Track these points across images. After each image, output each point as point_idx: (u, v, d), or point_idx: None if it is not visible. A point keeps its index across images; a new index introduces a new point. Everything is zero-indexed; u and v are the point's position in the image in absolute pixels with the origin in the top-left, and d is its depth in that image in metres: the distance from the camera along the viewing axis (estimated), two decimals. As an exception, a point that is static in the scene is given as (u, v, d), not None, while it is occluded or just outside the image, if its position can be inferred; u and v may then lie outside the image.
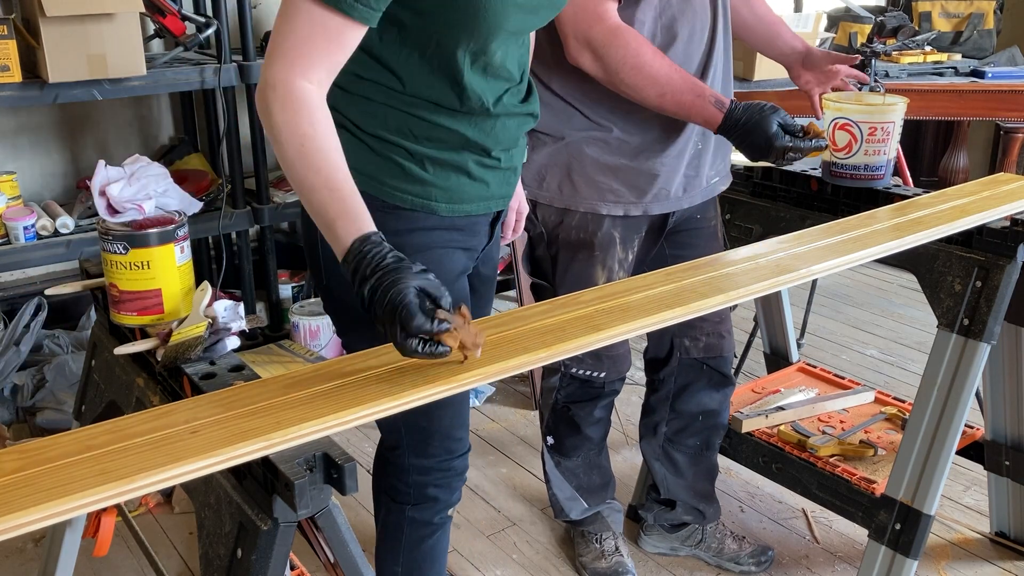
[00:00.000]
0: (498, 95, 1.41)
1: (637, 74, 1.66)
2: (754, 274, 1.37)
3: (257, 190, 3.11)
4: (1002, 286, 1.74)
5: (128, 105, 3.25)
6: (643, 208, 1.85)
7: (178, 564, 2.26)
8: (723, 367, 2.10)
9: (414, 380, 1.05)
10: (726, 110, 1.68)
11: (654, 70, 1.65)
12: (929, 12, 3.71)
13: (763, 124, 1.67)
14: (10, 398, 2.76)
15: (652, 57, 1.66)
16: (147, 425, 0.97)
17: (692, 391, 2.11)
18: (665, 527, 2.26)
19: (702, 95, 1.68)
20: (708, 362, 2.09)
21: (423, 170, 1.40)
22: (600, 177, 1.82)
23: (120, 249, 1.27)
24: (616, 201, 1.83)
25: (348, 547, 1.10)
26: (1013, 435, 2.12)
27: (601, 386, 2.03)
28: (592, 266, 1.89)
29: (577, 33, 1.66)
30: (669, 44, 1.75)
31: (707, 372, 2.10)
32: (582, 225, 1.87)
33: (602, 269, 1.89)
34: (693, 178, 1.88)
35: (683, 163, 1.85)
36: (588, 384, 2.02)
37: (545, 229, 1.91)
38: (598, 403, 2.06)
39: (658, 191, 1.84)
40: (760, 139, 1.67)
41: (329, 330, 3.06)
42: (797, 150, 1.69)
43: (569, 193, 1.84)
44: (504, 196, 1.52)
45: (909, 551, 1.84)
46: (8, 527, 0.81)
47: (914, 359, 3.30)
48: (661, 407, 2.14)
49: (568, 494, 2.15)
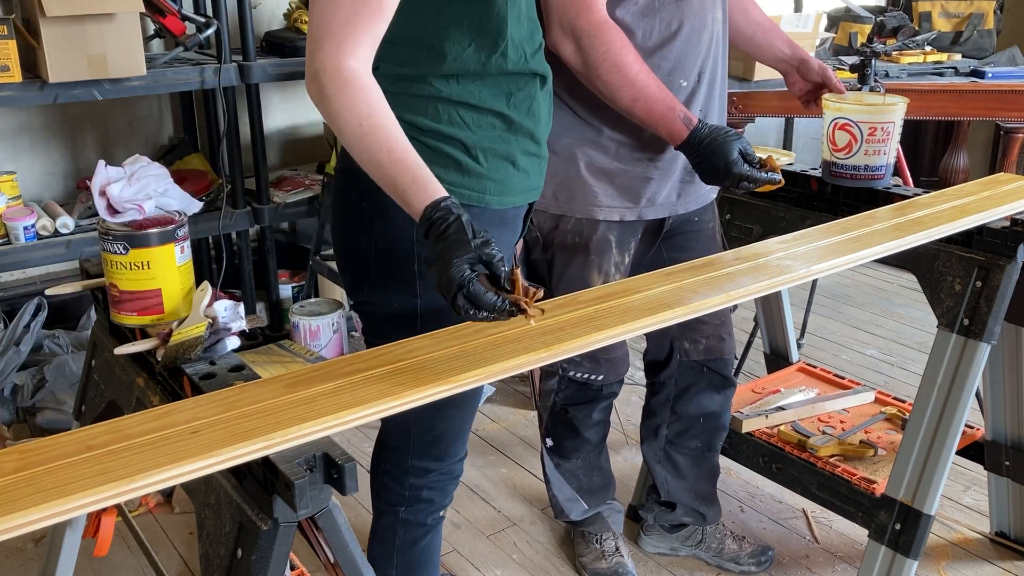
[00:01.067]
0: (534, 48, 1.46)
1: (616, 73, 1.64)
2: (754, 274, 1.37)
3: (257, 190, 3.11)
4: (1002, 286, 1.74)
5: (128, 105, 3.25)
6: (638, 213, 1.85)
7: (178, 564, 2.26)
8: (724, 369, 2.10)
9: (414, 380, 1.06)
10: (692, 127, 1.67)
11: (633, 73, 1.64)
12: (929, 12, 3.71)
13: (725, 148, 1.64)
14: (10, 398, 2.76)
15: (633, 60, 1.65)
16: (147, 425, 0.97)
17: (693, 393, 2.11)
18: (665, 527, 2.26)
19: (673, 108, 1.66)
20: (708, 364, 2.08)
21: (478, 163, 1.44)
22: (595, 183, 1.81)
23: (120, 249, 1.27)
24: (611, 206, 1.83)
25: (348, 547, 1.10)
26: (1013, 435, 2.12)
27: (599, 389, 2.03)
28: (588, 270, 1.88)
29: (563, 20, 1.64)
30: (668, 41, 1.74)
31: (707, 374, 2.09)
32: (577, 229, 1.86)
33: (598, 273, 1.88)
34: (689, 183, 1.87)
35: (678, 168, 1.84)
36: (586, 387, 2.02)
37: (540, 233, 1.90)
38: (596, 405, 2.06)
39: (652, 195, 1.84)
40: (720, 161, 1.65)
41: (329, 330, 3.06)
42: (752, 180, 1.66)
43: (565, 199, 1.84)
44: (538, 187, 1.57)
45: (909, 551, 1.84)
46: (8, 527, 0.81)
47: (914, 359, 3.30)
48: (662, 410, 2.14)
49: (568, 495, 2.15)
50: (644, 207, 1.84)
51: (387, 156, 1.21)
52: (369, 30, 1.24)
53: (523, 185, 1.51)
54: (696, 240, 1.97)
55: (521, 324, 1.18)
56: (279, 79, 3.03)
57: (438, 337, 1.18)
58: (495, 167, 1.45)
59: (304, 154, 3.63)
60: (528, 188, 1.53)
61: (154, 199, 1.34)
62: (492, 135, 1.44)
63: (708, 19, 1.79)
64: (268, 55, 3.09)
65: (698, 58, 1.79)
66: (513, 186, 1.49)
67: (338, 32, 1.22)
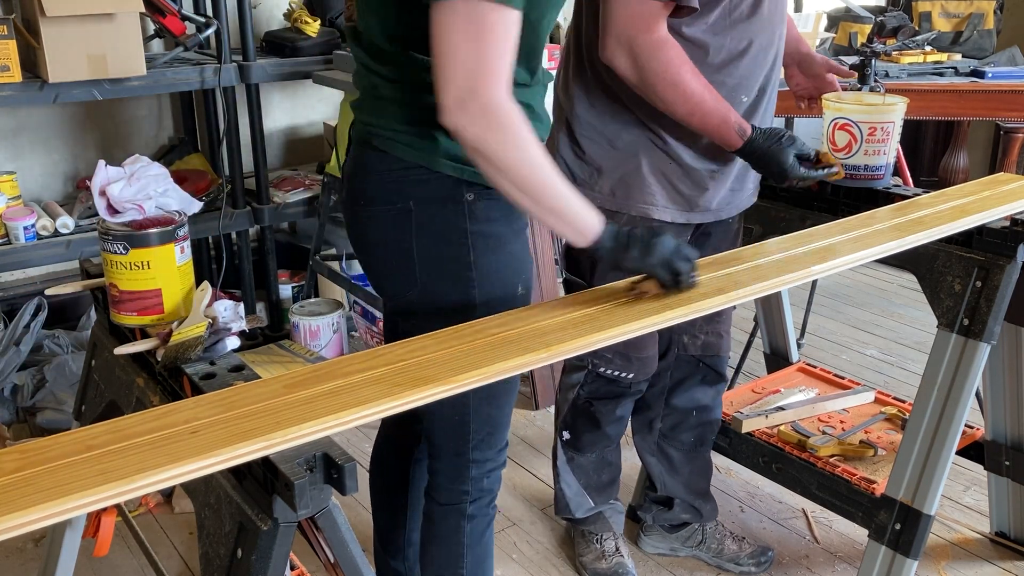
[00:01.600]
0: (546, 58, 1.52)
1: (673, 90, 1.66)
2: (754, 274, 1.37)
3: (257, 190, 3.11)
4: (1002, 286, 1.74)
5: (128, 105, 3.25)
6: (688, 217, 1.85)
7: (178, 564, 2.26)
8: (719, 366, 2.12)
9: (414, 380, 1.06)
10: (747, 138, 1.71)
11: (690, 89, 1.66)
12: (929, 12, 3.71)
13: (780, 155, 1.70)
14: (10, 398, 2.76)
15: (690, 76, 1.65)
16: (147, 425, 0.97)
17: (686, 386, 2.13)
18: (665, 527, 2.26)
19: (727, 121, 1.69)
20: (705, 360, 2.10)
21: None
22: (654, 182, 1.81)
23: (120, 249, 1.27)
24: (667, 207, 1.84)
25: (348, 547, 1.10)
26: (1013, 435, 2.12)
27: (628, 386, 2.03)
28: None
29: (621, 35, 1.64)
30: (736, 59, 1.74)
31: (702, 369, 2.11)
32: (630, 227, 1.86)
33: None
34: (738, 192, 1.89)
35: (731, 177, 1.86)
36: (614, 383, 2.03)
37: None
38: (621, 401, 2.07)
39: (706, 203, 1.85)
40: (775, 167, 1.72)
41: (329, 330, 3.06)
42: (809, 180, 1.76)
43: (622, 196, 1.83)
44: None
45: (909, 551, 1.84)
46: (8, 527, 0.81)
47: (914, 359, 3.30)
48: (656, 403, 2.15)
49: (575, 490, 2.16)
50: (693, 212, 1.85)
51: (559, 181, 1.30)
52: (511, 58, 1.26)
53: None
54: (722, 241, 1.97)
55: (522, 324, 1.18)
56: (279, 79, 3.04)
57: (438, 337, 1.18)
58: None
59: (304, 154, 3.63)
60: None
61: (154, 199, 1.34)
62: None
63: (776, 36, 1.78)
64: (268, 55, 3.10)
65: (761, 74, 1.79)
66: None
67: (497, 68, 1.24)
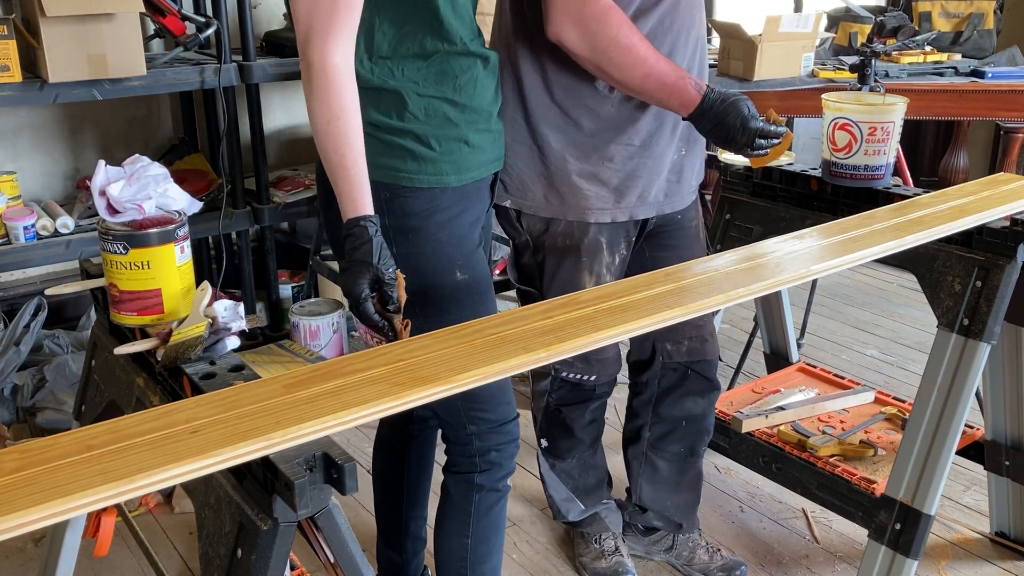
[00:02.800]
0: (471, 36, 1.55)
1: (627, 54, 1.65)
2: (754, 274, 1.37)
3: (257, 190, 3.11)
4: (1002, 286, 1.74)
5: (128, 105, 3.25)
6: (629, 212, 1.85)
7: (178, 564, 2.26)
8: (708, 371, 2.07)
9: (414, 380, 1.06)
10: (703, 92, 1.69)
11: (642, 51, 1.66)
12: (929, 12, 3.71)
13: (738, 106, 1.69)
14: (10, 398, 2.76)
15: (640, 39, 1.67)
16: (147, 425, 0.97)
17: (676, 396, 2.08)
18: (639, 529, 2.25)
19: (684, 77, 1.69)
20: (692, 366, 2.06)
21: (431, 149, 1.55)
22: (585, 185, 1.81)
23: (120, 249, 1.27)
24: (603, 208, 1.83)
25: (348, 547, 1.10)
26: (1013, 435, 2.12)
27: (592, 389, 2.02)
28: (579, 272, 1.88)
29: (568, 8, 1.64)
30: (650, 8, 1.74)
31: (692, 377, 2.06)
32: (568, 232, 1.86)
33: (589, 275, 1.88)
34: (675, 183, 1.88)
35: (665, 167, 1.85)
36: (578, 387, 2.02)
37: (530, 237, 1.90)
38: (589, 405, 2.05)
39: (642, 192, 1.84)
40: (734, 120, 1.68)
41: (329, 330, 3.06)
42: (766, 134, 1.70)
43: (556, 202, 1.84)
44: (499, 158, 1.71)
45: (909, 551, 1.84)
46: (8, 527, 0.81)
47: (914, 359, 3.30)
48: (644, 411, 2.13)
49: (564, 496, 2.15)
50: (635, 206, 1.84)
51: (338, 159, 1.38)
52: (348, 22, 1.34)
53: (480, 160, 1.63)
54: (680, 238, 1.97)
55: (521, 324, 1.19)
56: (279, 79, 3.04)
57: (438, 337, 1.18)
58: (449, 149, 1.56)
59: (304, 154, 3.63)
60: (486, 162, 1.65)
61: (154, 199, 1.34)
62: (443, 121, 1.55)
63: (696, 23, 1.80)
64: (268, 55, 3.10)
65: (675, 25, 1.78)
66: (469, 163, 1.60)
67: (322, 26, 1.31)
